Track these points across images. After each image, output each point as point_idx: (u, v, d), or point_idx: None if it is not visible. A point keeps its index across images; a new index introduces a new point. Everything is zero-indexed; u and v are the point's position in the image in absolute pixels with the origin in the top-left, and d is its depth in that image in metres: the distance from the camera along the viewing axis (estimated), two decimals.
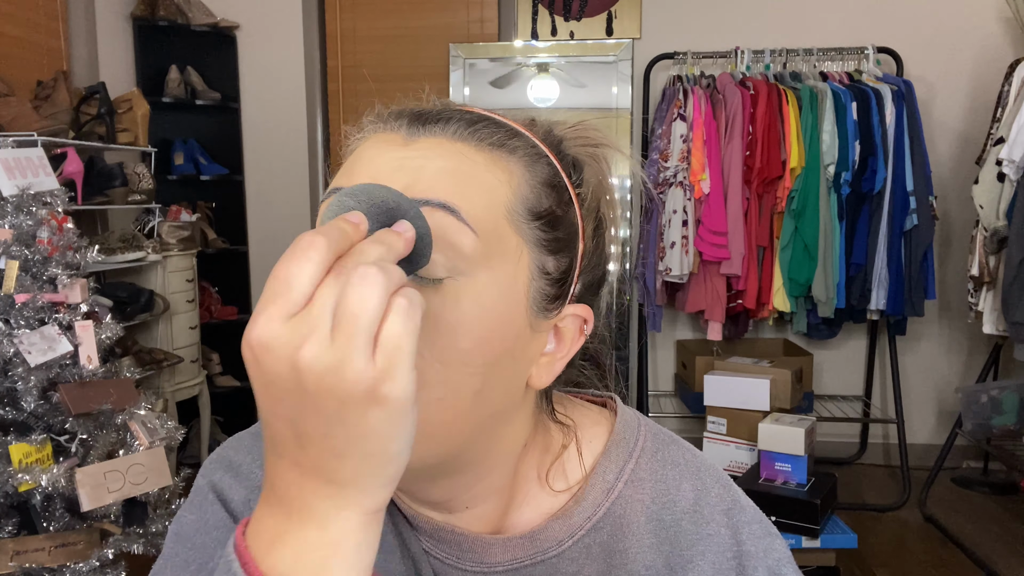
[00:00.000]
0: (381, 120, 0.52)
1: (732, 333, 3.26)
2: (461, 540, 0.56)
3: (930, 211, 3.03)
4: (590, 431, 0.60)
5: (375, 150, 0.49)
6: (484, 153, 0.49)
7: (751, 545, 0.56)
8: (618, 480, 0.57)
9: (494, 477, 0.55)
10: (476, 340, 0.47)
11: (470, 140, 0.49)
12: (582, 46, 3.46)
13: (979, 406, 2.87)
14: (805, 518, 2.17)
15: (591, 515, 0.56)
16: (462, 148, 0.49)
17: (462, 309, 0.46)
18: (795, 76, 3.15)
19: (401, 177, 0.47)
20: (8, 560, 1.72)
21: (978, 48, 3.32)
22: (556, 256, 0.51)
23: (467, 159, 0.48)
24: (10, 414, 1.82)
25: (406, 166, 0.47)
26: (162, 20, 3.43)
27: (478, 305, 0.47)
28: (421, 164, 0.47)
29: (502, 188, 0.49)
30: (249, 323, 0.36)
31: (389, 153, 0.49)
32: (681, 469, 0.59)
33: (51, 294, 1.87)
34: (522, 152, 0.50)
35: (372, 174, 0.48)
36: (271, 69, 3.67)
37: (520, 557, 0.56)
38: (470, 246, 0.46)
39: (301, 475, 0.38)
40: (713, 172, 3.05)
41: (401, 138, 0.49)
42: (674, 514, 0.57)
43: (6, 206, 1.88)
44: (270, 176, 3.75)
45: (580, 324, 0.53)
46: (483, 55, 3.47)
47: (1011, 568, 2.56)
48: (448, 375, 0.46)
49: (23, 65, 2.86)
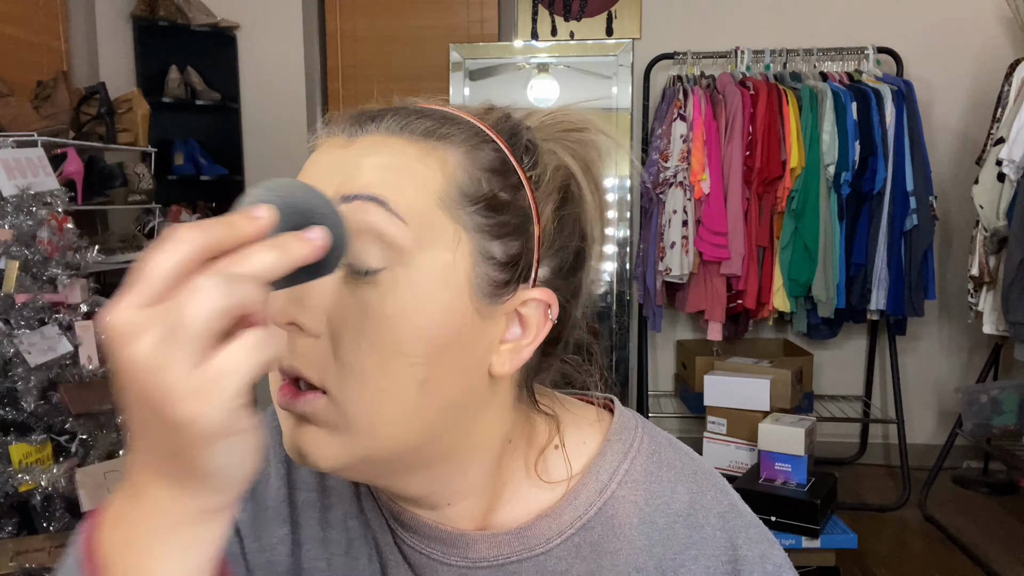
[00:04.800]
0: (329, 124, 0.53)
1: (732, 333, 3.26)
2: (446, 536, 0.56)
3: (930, 211, 3.03)
4: (586, 430, 0.59)
5: (318, 154, 0.51)
6: (416, 144, 0.49)
7: (747, 550, 0.56)
8: (611, 480, 0.57)
9: (473, 472, 0.55)
10: (414, 329, 0.47)
11: (403, 133, 0.50)
12: (582, 46, 3.46)
13: (979, 406, 2.87)
14: (805, 518, 2.17)
15: (582, 514, 0.56)
16: (395, 142, 0.49)
17: (397, 299, 0.46)
18: (795, 76, 3.15)
19: (335, 176, 0.48)
20: (8, 560, 1.72)
21: (978, 48, 3.32)
22: (503, 240, 0.50)
23: (399, 152, 0.49)
24: (10, 414, 1.82)
25: (342, 166, 0.49)
26: (162, 20, 3.43)
27: (413, 295, 0.47)
28: (356, 162, 0.49)
29: (434, 176, 0.49)
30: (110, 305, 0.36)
31: (330, 155, 0.50)
32: (677, 472, 0.58)
33: (51, 294, 1.87)
34: (460, 139, 0.50)
35: (311, 176, 0.49)
36: (271, 69, 3.67)
37: (507, 553, 0.56)
38: (401, 236, 0.46)
39: (141, 461, 0.38)
40: (713, 172, 3.05)
41: (343, 140, 0.51)
42: (668, 517, 0.56)
43: (6, 206, 1.88)
44: (270, 176, 3.73)
45: (544, 308, 0.52)
46: (483, 55, 3.47)
47: (1011, 568, 2.56)
48: (388, 366, 0.47)
49: (23, 65, 2.86)
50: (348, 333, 0.46)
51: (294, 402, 0.47)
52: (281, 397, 0.47)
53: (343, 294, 0.46)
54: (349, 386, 0.46)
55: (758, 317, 3.21)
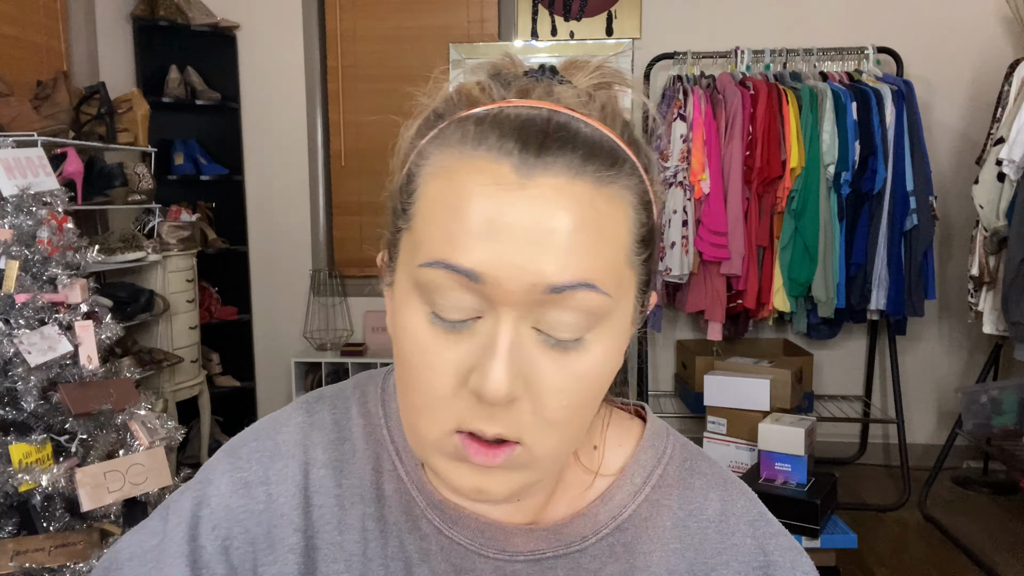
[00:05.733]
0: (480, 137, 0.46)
1: (732, 333, 3.26)
2: (486, 528, 0.57)
3: (930, 211, 3.02)
4: (622, 434, 0.61)
5: (489, 201, 0.44)
6: (600, 193, 0.46)
7: (778, 557, 0.57)
8: (646, 484, 0.58)
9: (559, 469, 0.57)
10: (606, 381, 0.50)
11: (588, 178, 0.46)
12: (582, 46, 3.46)
13: (979, 406, 2.87)
14: (805, 518, 2.17)
15: (616, 515, 0.58)
16: (583, 191, 0.45)
17: (595, 360, 0.48)
18: (795, 76, 3.15)
19: (535, 259, 0.44)
20: (8, 560, 1.72)
21: (978, 48, 3.32)
22: (648, 263, 0.52)
23: (592, 209, 0.45)
24: (10, 414, 1.82)
25: (536, 240, 0.44)
26: (162, 20, 3.43)
27: (608, 350, 0.49)
28: (551, 237, 0.44)
29: (621, 234, 0.47)
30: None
31: (507, 209, 0.44)
32: (708, 479, 0.60)
33: (51, 294, 1.87)
34: (625, 178, 0.48)
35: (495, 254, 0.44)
36: (271, 69, 3.67)
37: (543, 549, 0.57)
38: (606, 309, 0.47)
39: None
40: (713, 172, 3.05)
41: (512, 173, 0.45)
42: (700, 522, 0.58)
43: (6, 206, 1.88)
44: (270, 176, 3.75)
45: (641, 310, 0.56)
46: (483, 55, 3.47)
47: (1011, 568, 2.56)
48: (585, 414, 0.50)
49: (23, 65, 2.86)
50: (551, 395, 0.47)
51: (494, 459, 0.48)
52: (475, 454, 0.47)
53: (544, 360, 0.47)
54: (548, 437, 0.48)
55: (758, 317, 3.21)
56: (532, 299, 0.45)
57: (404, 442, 0.60)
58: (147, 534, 0.60)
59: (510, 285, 0.44)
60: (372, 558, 0.59)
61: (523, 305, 0.45)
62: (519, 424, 0.47)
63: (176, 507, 0.60)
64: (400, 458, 0.60)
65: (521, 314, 0.45)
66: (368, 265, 3.81)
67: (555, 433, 0.48)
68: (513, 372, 0.45)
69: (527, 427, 0.47)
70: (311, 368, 3.66)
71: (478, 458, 0.47)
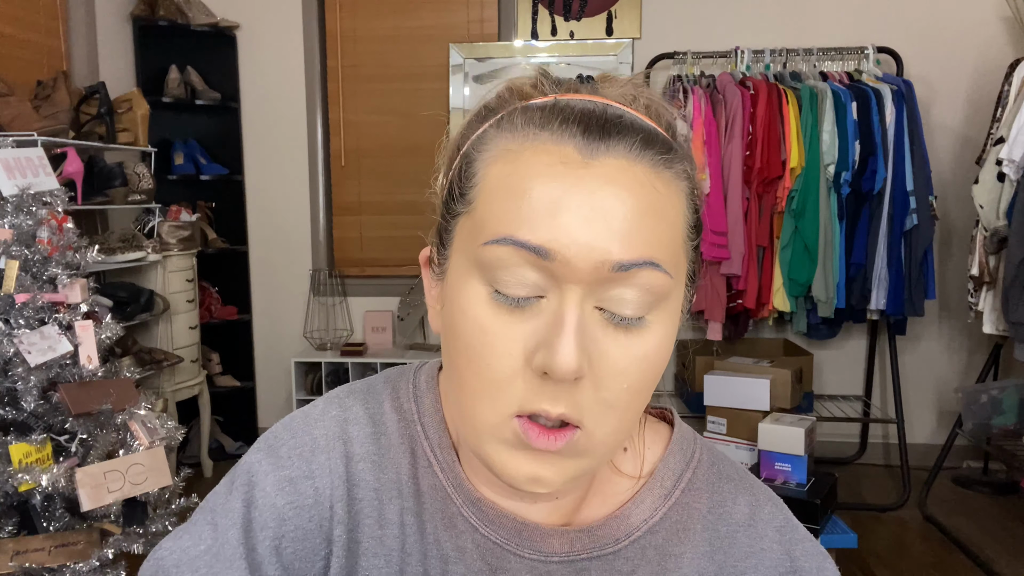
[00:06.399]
0: (542, 121, 0.48)
1: (732, 333, 3.26)
2: (522, 527, 0.57)
3: (930, 211, 3.02)
4: (651, 436, 0.62)
5: (555, 182, 0.46)
6: (661, 177, 0.48)
7: (805, 562, 0.58)
8: (676, 487, 0.59)
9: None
10: (663, 361, 0.50)
11: (647, 162, 0.47)
12: (582, 46, 3.46)
13: (979, 406, 2.87)
14: (805, 518, 2.17)
15: (648, 517, 0.58)
16: (643, 173, 0.47)
17: (655, 341, 0.49)
18: (795, 76, 3.15)
19: (601, 235, 0.45)
20: (8, 560, 1.72)
21: (978, 48, 3.32)
22: (697, 252, 0.53)
23: (653, 191, 0.47)
24: (10, 414, 1.82)
25: (602, 216, 0.45)
26: (162, 20, 3.43)
27: (665, 334, 0.50)
28: (616, 213, 0.45)
29: (680, 218, 0.49)
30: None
31: (573, 188, 0.45)
32: (736, 484, 0.61)
33: (51, 294, 1.87)
34: (679, 164, 0.49)
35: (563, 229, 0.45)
36: (271, 69, 3.68)
37: (577, 550, 0.57)
38: (667, 289, 0.48)
39: None
40: (713, 172, 3.05)
41: (576, 153, 0.46)
42: (730, 526, 0.59)
43: (6, 206, 1.88)
44: (270, 176, 3.75)
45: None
46: (483, 55, 3.47)
47: (1011, 568, 2.56)
48: (640, 399, 0.50)
49: (23, 65, 2.86)
50: (612, 377, 0.48)
51: (555, 442, 0.47)
52: (536, 438, 0.47)
53: (607, 340, 0.47)
54: (607, 420, 0.48)
55: (758, 317, 3.20)
56: (598, 277, 0.46)
57: (439, 438, 0.60)
58: (193, 539, 0.57)
59: (578, 262, 0.45)
60: (411, 553, 0.59)
61: (588, 283, 0.46)
62: (580, 406, 0.47)
63: (224, 510, 0.57)
64: (435, 454, 0.60)
65: (585, 293, 0.46)
66: (368, 265, 3.81)
67: (614, 417, 0.48)
68: (581, 350, 0.46)
69: (588, 410, 0.47)
70: (311, 368, 3.66)
71: (539, 441, 0.47)
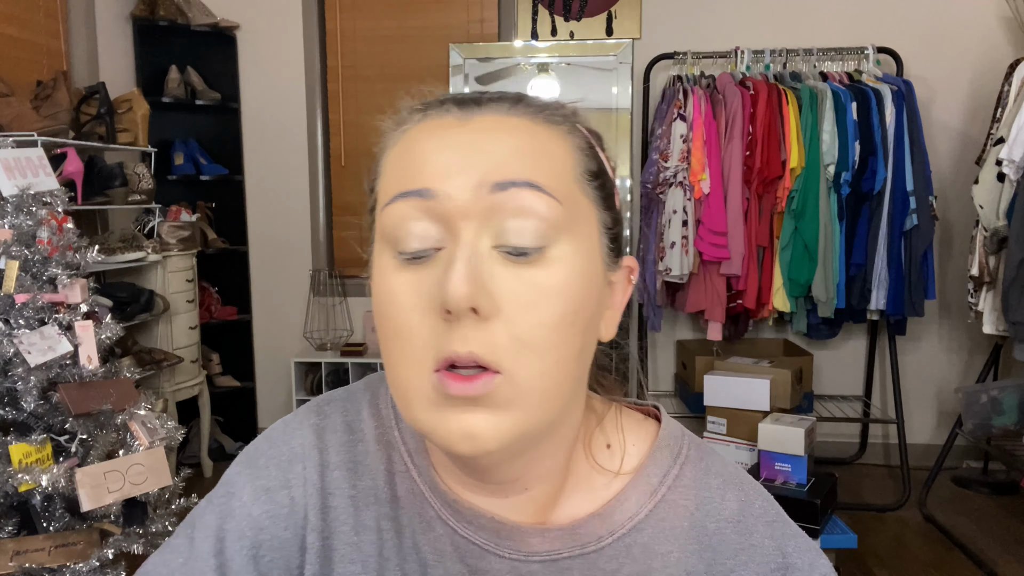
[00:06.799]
0: (425, 108, 0.53)
1: (732, 333, 3.26)
2: (501, 528, 0.57)
3: (930, 211, 3.02)
4: (636, 433, 0.61)
5: (434, 140, 0.50)
6: (540, 125, 0.51)
7: (797, 558, 0.57)
8: (662, 484, 0.58)
9: (561, 450, 0.57)
10: (576, 301, 0.49)
11: (524, 115, 0.51)
12: (582, 46, 3.46)
13: (979, 406, 2.87)
14: (805, 518, 2.17)
15: (633, 515, 0.57)
16: (519, 123, 0.51)
17: (561, 274, 0.49)
18: (795, 76, 3.15)
19: (476, 163, 0.48)
20: (8, 560, 1.72)
21: (978, 48, 3.32)
22: (610, 212, 0.54)
23: (530, 133, 0.50)
24: (10, 414, 1.82)
25: (476, 150, 0.49)
26: (162, 20, 3.43)
27: (573, 267, 0.49)
28: (492, 147, 0.49)
29: (565, 154, 0.51)
30: None
31: (450, 138, 0.50)
32: (725, 479, 0.60)
33: (51, 294, 1.87)
34: (562, 122, 0.53)
35: (442, 161, 0.49)
36: (271, 69, 3.68)
37: (559, 549, 0.57)
38: (556, 215, 0.49)
39: None
40: (713, 172, 3.05)
41: (455, 120, 0.51)
42: (718, 522, 0.58)
43: (6, 206, 1.88)
44: (270, 176, 3.75)
45: (627, 275, 0.57)
46: (483, 55, 3.47)
47: (1011, 568, 2.56)
48: (559, 337, 0.49)
49: (23, 65, 2.86)
50: (521, 311, 0.48)
51: (472, 385, 0.47)
52: (453, 384, 0.47)
53: (508, 275, 0.48)
54: (526, 362, 0.48)
55: (758, 317, 3.20)
56: (482, 206, 0.48)
57: (415, 443, 0.61)
58: (172, 553, 0.59)
59: (458, 192, 0.48)
60: (388, 558, 0.59)
61: (476, 216, 0.48)
62: (494, 346, 0.47)
63: (201, 523, 0.59)
64: (412, 459, 0.60)
65: (478, 229, 0.48)
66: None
67: (535, 357, 0.48)
68: (472, 279, 0.46)
69: (504, 349, 0.47)
70: (311, 368, 3.66)
71: (455, 388, 0.47)
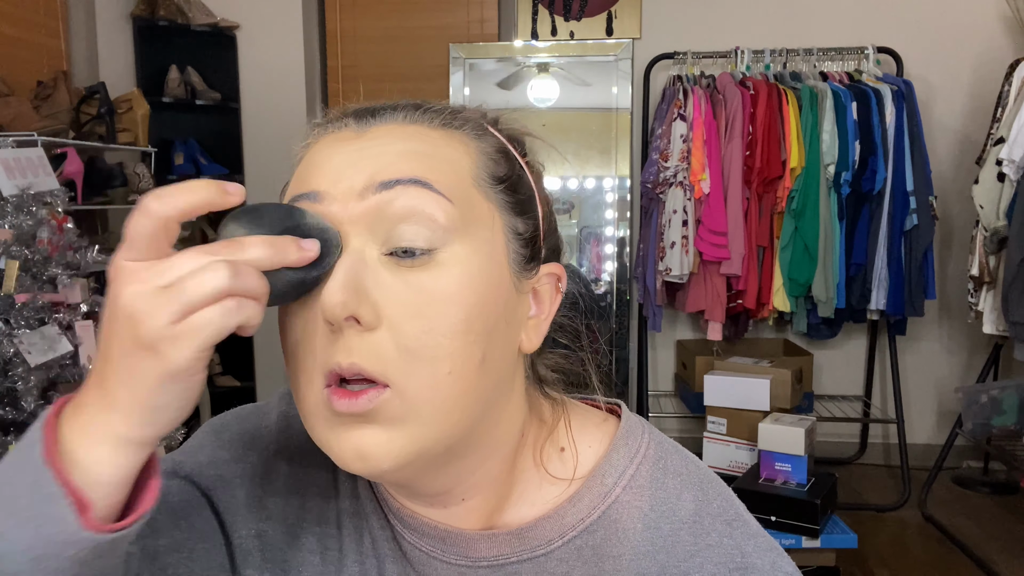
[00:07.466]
0: (325, 122, 0.53)
1: (732, 333, 3.26)
2: (446, 535, 0.56)
3: (930, 211, 3.03)
4: (592, 433, 0.59)
5: (329, 149, 0.50)
6: (437, 130, 0.51)
7: (757, 558, 0.55)
8: (616, 484, 0.56)
9: (493, 463, 0.55)
10: (472, 307, 0.47)
11: (421, 121, 0.51)
12: (582, 46, 3.46)
13: (979, 406, 2.87)
14: (805, 518, 2.17)
15: (584, 517, 0.56)
16: (415, 130, 0.51)
17: (452, 278, 0.47)
18: (795, 76, 3.15)
19: (365, 166, 0.48)
20: None
21: (978, 48, 3.32)
22: (523, 218, 0.53)
23: (423, 137, 0.50)
24: (10, 414, 1.82)
25: (366, 155, 0.49)
26: (162, 20, 3.43)
27: (466, 272, 0.48)
28: (381, 150, 0.49)
29: (462, 158, 0.51)
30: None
31: (344, 148, 0.50)
32: (683, 479, 0.57)
33: (51, 294, 1.87)
34: (468, 127, 0.53)
35: (327, 169, 0.49)
36: (271, 69, 3.67)
37: (507, 553, 0.55)
38: (448, 216, 0.47)
39: (94, 380, 0.42)
40: (713, 172, 3.05)
41: (352, 133, 0.51)
42: (672, 524, 0.55)
43: (6, 206, 1.88)
44: (270, 176, 3.74)
45: (555, 282, 0.55)
46: (483, 55, 3.47)
47: (1011, 568, 2.56)
48: (454, 347, 0.47)
49: (23, 65, 2.86)
50: (408, 320, 0.46)
51: (356, 401, 0.45)
52: (338, 400, 0.46)
53: (396, 282, 0.46)
54: (415, 373, 0.46)
55: (758, 317, 3.21)
56: (369, 208, 0.47)
57: None
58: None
59: (345, 195, 0.47)
60: (347, 553, 0.59)
61: (364, 222, 0.47)
62: (380, 357, 0.45)
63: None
64: None
65: (366, 236, 0.47)
66: None
67: (425, 368, 0.46)
68: (350, 286, 0.45)
69: (391, 361, 0.45)
70: None
71: (340, 404, 0.45)
